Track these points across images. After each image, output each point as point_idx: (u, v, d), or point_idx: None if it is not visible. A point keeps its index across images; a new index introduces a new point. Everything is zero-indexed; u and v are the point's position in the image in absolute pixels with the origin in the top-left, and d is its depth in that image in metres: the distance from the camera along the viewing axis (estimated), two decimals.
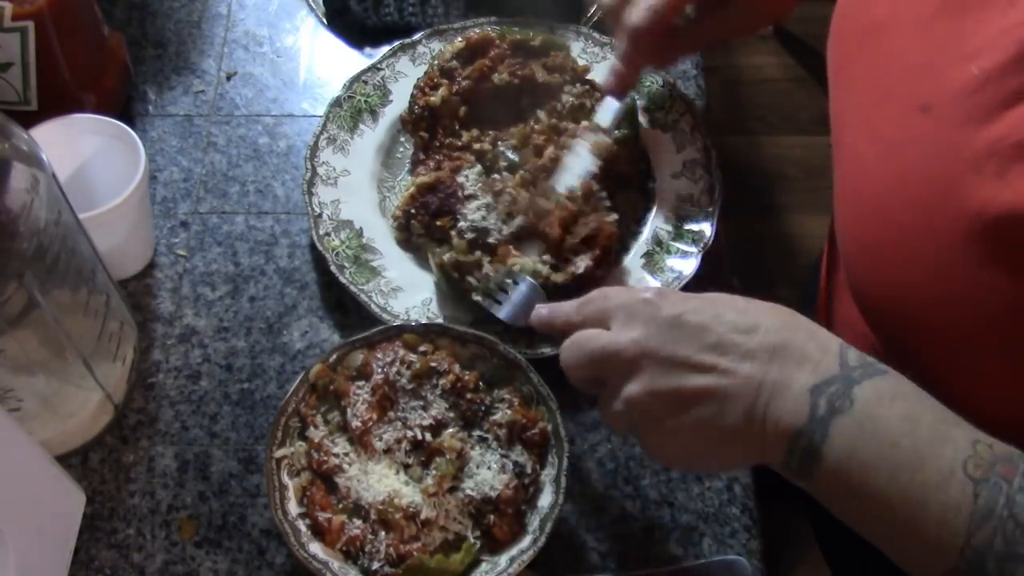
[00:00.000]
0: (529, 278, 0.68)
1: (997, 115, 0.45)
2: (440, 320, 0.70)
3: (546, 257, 0.71)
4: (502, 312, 0.67)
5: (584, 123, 0.77)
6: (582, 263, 0.70)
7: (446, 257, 0.70)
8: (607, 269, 0.72)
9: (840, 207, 0.58)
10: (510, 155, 0.76)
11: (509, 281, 0.68)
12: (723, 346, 0.49)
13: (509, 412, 0.63)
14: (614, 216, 0.73)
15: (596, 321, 0.55)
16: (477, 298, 0.69)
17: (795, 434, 0.47)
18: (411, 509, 0.60)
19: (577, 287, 0.68)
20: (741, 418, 0.48)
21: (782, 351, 0.49)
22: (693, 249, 0.74)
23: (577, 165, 0.74)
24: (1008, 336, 0.48)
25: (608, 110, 0.76)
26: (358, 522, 0.60)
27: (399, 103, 0.82)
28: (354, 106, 0.81)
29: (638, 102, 0.81)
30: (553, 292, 0.69)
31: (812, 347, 0.49)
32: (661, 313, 0.51)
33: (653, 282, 0.73)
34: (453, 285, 0.70)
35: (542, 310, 0.60)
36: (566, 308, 0.58)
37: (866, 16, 0.56)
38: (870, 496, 0.45)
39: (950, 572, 0.43)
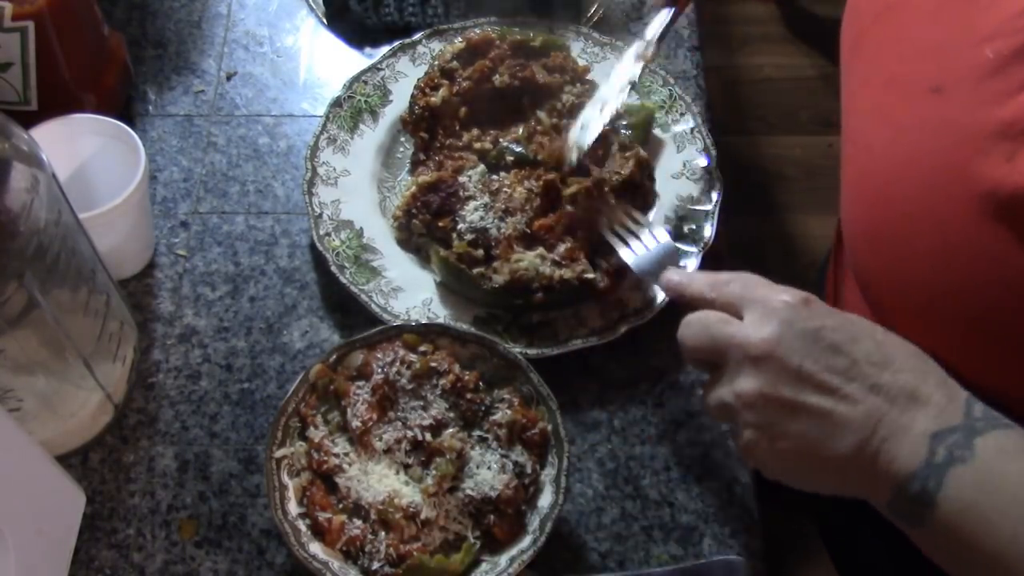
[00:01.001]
0: (668, 235, 0.65)
1: (1010, 99, 0.45)
2: (440, 320, 0.70)
3: (550, 256, 0.71)
4: (633, 259, 0.63)
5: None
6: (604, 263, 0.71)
7: (452, 248, 0.71)
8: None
9: (847, 192, 0.58)
10: (515, 148, 0.76)
11: (646, 230, 0.64)
12: (852, 373, 0.48)
13: (509, 412, 0.63)
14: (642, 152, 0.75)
15: (730, 305, 0.54)
16: (607, 234, 0.65)
17: (908, 477, 0.46)
18: (411, 509, 0.60)
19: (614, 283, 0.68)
20: (851, 449, 0.48)
21: (910, 392, 0.48)
22: (693, 249, 0.74)
23: (595, 117, 0.74)
24: (1017, 319, 0.47)
25: (658, 22, 0.75)
26: (358, 522, 0.60)
27: (399, 103, 0.82)
28: (354, 106, 0.81)
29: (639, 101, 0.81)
30: (569, 291, 0.69)
31: (940, 395, 0.48)
32: (800, 321, 0.50)
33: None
34: (463, 279, 0.70)
35: (674, 274, 0.59)
36: (701, 281, 0.57)
37: None
38: (986, 551, 0.44)
39: None
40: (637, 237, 0.65)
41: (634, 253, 0.64)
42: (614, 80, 0.75)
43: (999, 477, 0.44)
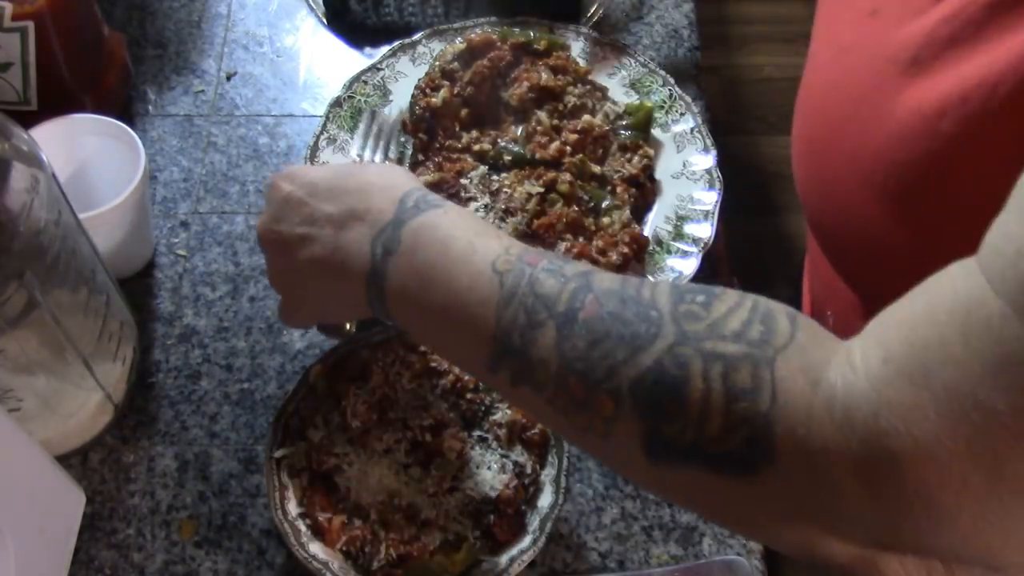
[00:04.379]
0: None
1: (928, 10, 0.47)
2: None
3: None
4: None
5: None
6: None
7: None
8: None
9: (796, 109, 0.61)
10: (513, 148, 0.76)
11: None
12: (313, 218, 0.54)
13: (509, 412, 0.63)
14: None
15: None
16: None
17: (367, 283, 0.51)
18: (411, 509, 0.60)
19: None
20: (333, 280, 0.53)
21: (351, 213, 0.53)
22: (693, 249, 0.74)
23: None
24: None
25: None
26: (358, 522, 0.60)
27: (399, 103, 0.82)
28: (354, 106, 0.81)
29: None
30: None
31: (381, 203, 0.52)
32: (277, 193, 0.56)
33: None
34: None
35: None
36: None
37: None
38: (422, 316, 0.49)
39: (490, 361, 0.46)
40: None
41: None
42: None
43: (417, 252, 0.49)
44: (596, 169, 0.76)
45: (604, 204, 0.74)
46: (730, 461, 0.39)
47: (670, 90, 0.83)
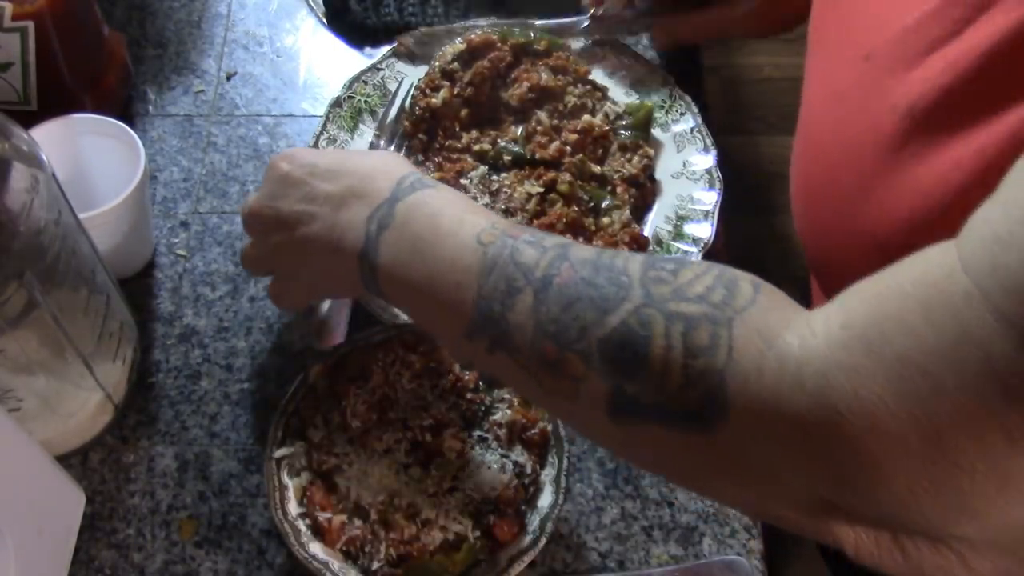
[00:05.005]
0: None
1: (919, 62, 0.48)
2: None
3: None
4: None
5: None
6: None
7: None
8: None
9: (793, 159, 0.62)
10: (513, 148, 0.76)
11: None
12: (311, 196, 0.55)
13: (509, 412, 0.63)
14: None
15: None
16: None
17: (359, 258, 0.52)
18: (411, 509, 0.60)
19: None
20: (330, 259, 0.55)
21: (351, 192, 0.54)
22: (693, 249, 0.74)
23: None
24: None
25: None
26: (358, 522, 0.60)
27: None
28: (354, 106, 0.81)
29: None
30: None
31: (380, 184, 0.54)
32: (276, 172, 0.57)
33: None
34: None
35: None
36: None
37: None
38: (408, 287, 0.51)
39: (469, 328, 0.47)
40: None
41: None
42: None
43: (408, 226, 0.51)
44: (596, 169, 0.76)
45: (604, 204, 0.74)
46: (688, 418, 0.40)
47: (670, 90, 0.83)
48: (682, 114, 0.81)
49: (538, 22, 0.84)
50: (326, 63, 0.89)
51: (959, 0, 0.46)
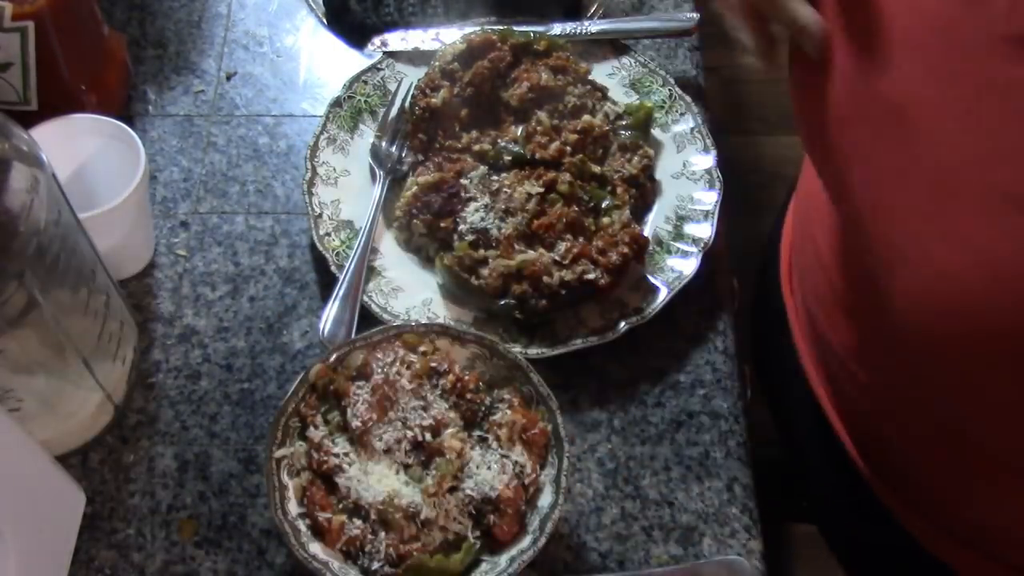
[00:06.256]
0: None
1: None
2: (440, 320, 0.70)
3: (549, 255, 0.71)
4: None
5: None
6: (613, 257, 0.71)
7: (453, 254, 0.71)
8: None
9: (902, 304, 0.53)
10: (513, 148, 0.76)
11: None
12: None
13: (509, 412, 0.63)
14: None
15: None
16: None
17: None
18: (411, 509, 0.60)
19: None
20: None
21: None
22: (693, 249, 0.74)
23: None
24: None
25: None
26: (358, 522, 0.60)
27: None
28: (354, 106, 0.81)
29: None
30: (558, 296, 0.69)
31: None
32: None
33: (654, 281, 0.73)
34: (461, 283, 0.70)
35: None
36: None
37: (874, 100, 0.52)
38: None
39: None
40: None
41: None
42: None
43: None
44: (596, 169, 0.76)
45: (604, 204, 0.74)
46: None
47: (670, 90, 0.83)
48: (682, 114, 0.81)
49: (538, 28, 0.84)
50: (326, 63, 0.89)
51: None
